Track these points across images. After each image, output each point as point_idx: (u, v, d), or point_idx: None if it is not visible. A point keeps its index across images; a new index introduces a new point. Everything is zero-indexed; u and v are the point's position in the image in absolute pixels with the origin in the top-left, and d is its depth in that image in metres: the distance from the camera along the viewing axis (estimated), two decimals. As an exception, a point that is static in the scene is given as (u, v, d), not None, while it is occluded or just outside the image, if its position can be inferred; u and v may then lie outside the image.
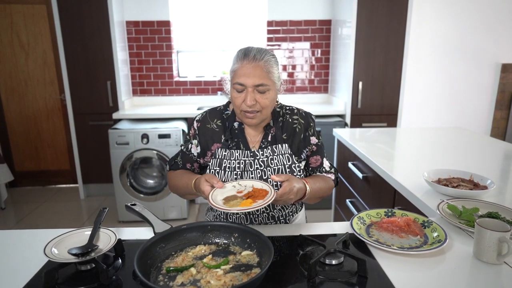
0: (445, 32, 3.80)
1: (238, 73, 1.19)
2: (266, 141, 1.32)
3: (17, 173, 4.12)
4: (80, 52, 3.51)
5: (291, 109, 1.39)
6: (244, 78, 1.18)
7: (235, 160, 1.28)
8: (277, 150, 1.29)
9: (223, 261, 0.94)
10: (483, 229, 0.96)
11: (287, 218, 1.36)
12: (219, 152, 1.29)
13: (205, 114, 1.36)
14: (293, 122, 1.35)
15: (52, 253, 0.92)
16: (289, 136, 1.33)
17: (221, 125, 1.33)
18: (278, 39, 3.98)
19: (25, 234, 1.17)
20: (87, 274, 0.94)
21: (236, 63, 1.22)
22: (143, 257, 0.90)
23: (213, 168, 1.29)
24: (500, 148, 2.12)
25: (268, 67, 1.20)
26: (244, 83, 1.18)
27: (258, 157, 1.28)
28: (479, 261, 0.98)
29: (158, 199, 3.30)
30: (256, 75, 1.17)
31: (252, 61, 1.18)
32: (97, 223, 1.05)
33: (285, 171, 1.28)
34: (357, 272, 0.93)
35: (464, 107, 4.03)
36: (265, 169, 1.27)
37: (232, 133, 1.32)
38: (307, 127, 1.36)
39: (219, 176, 1.27)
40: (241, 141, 1.31)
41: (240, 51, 1.24)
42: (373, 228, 1.16)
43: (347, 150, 2.32)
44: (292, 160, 1.30)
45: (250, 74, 1.17)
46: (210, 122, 1.33)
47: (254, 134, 1.33)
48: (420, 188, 1.47)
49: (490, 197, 1.38)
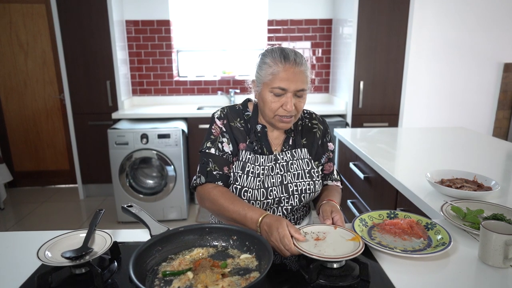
0: (447, 31, 3.77)
1: (280, 77, 1.15)
2: (287, 144, 1.29)
3: (16, 173, 4.10)
4: (79, 51, 3.49)
5: (310, 113, 1.37)
6: (287, 83, 1.14)
7: (260, 165, 1.23)
8: (296, 154, 1.27)
9: (221, 265, 0.91)
10: (489, 232, 0.93)
11: (297, 222, 1.33)
12: (243, 155, 1.24)
13: (226, 111, 1.29)
14: (313, 126, 1.33)
15: (46, 256, 0.90)
16: (308, 141, 1.31)
17: (244, 125, 1.28)
18: (279, 39, 3.95)
19: (19, 236, 1.15)
20: (81, 277, 0.91)
21: (274, 66, 1.15)
22: (138, 261, 0.87)
23: (236, 171, 1.23)
24: (502, 148, 2.10)
25: (307, 72, 1.18)
26: (286, 88, 1.15)
27: (279, 161, 1.25)
28: (485, 265, 0.95)
29: (157, 199, 3.28)
30: (299, 80, 1.15)
31: (293, 65, 1.15)
32: (92, 226, 1.03)
33: (304, 176, 1.25)
34: (359, 276, 0.90)
35: (466, 107, 4.00)
36: (285, 174, 1.24)
37: (256, 136, 1.27)
38: (325, 133, 1.35)
39: (240, 180, 1.22)
40: (265, 145, 1.27)
41: (274, 53, 1.17)
42: (375, 230, 1.13)
43: (348, 150, 2.29)
44: (311, 165, 1.27)
45: (293, 79, 1.14)
46: (233, 120, 1.28)
47: (277, 137, 1.30)
48: (423, 189, 1.45)
49: (494, 198, 1.36)
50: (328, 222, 1.10)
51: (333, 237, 1.02)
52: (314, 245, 0.98)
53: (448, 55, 3.84)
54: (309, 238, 1.02)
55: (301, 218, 1.35)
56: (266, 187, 1.22)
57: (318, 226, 1.07)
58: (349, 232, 1.03)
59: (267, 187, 1.22)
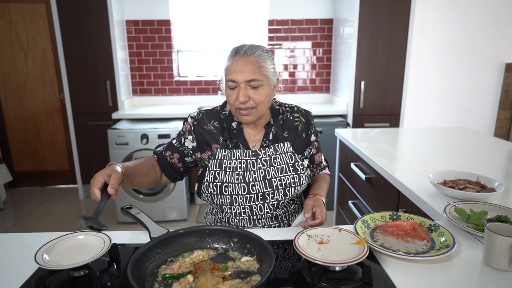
0: (448, 31, 3.76)
1: (230, 69, 1.17)
2: (268, 139, 1.29)
3: (16, 173, 4.09)
4: (79, 51, 3.48)
5: (291, 106, 1.37)
6: (235, 74, 1.15)
7: (236, 159, 1.24)
8: (279, 148, 1.27)
9: (221, 268, 0.90)
10: (494, 234, 0.91)
11: (290, 219, 1.33)
12: (218, 153, 1.26)
13: (201, 115, 1.32)
14: (294, 120, 1.33)
15: (43, 259, 0.88)
16: (290, 134, 1.31)
17: (218, 126, 1.29)
18: (279, 38, 3.94)
19: (17, 238, 1.13)
20: (80, 280, 0.90)
21: (228, 61, 1.20)
22: (138, 264, 0.86)
23: (213, 169, 1.25)
24: (504, 148, 2.08)
25: (259, 62, 1.17)
26: (235, 79, 1.16)
27: (261, 156, 1.25)
28: (490, 268, 0.94)
29: (158, 200, 3.26)
30: (247, 70, 1.15)
31: (242, 56, 1.16)
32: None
33: (288, 170, 1.25)
34: (362, 279, 0.89)
35: (467, 107, 3.99)
36: (268, 169, 1.24)
37: (230, 134, 1.28)
38: (308, 126, 1.35)
39: (219, 177, 1.23)
40: (240, 142, 1.28)
41: (232, 49, 1.21)
42: (378, 232, 1.12)
43: (349, 151, 2.28)
44: (295, 158, 1.28)
45: (241, 69, 1.15)
46: (207, 124, 1.30)
47: (254, 133, 1.30)
48: (425, 190, 1.43)
49: (498, 199, 1.34)
50: (307, 215, 1.15)
51: (337, 241, 1.01)
52: (317, 249, 0.97)
53: (449, 55, 3.83)
54: (313, 241, 1.01)
55: (292, 215, 1.35)
56: (247, 182, 1.22)
57: (322, 229, 1.06)
58: (353, 235, 1.01)
59: (248, 181, 1.22)
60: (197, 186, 1.30)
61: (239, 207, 1.24)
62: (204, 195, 1.28)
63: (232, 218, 1.27)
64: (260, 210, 1.25)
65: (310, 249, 0.96)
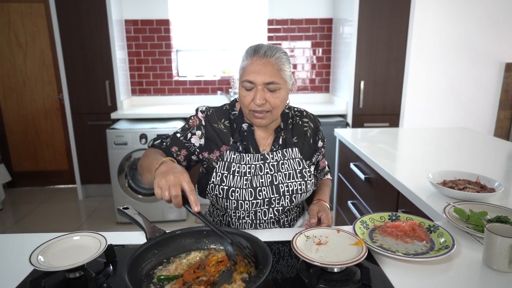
0: (448, 31, 3.75)
1: (248, 70, 1.13)
2: (277, 144, 1.26)
3: (15, 173, 4.08)
4: (78, 51, 3.47)
5: (300, 111, 1.35)
6: (253, 75, 1.11)
7: (246, 164, 1.20)
8: (287, 154, 1.24)
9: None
10: (494, 235, 0.90)
11: (291, 223, 1.31)
12: (227, 155, 1.20)
13: (211, 111, 1.26)
14: (303, 125, 1.31)
15: (38, 260, 0.87)
16: (299, 139, 1.29)
17: (229, 126, 1.25)
18: (279, 38, 3.93)
19: (13, 238, 1.13)
20: (75, 282, 0.89)
21: (245, 60, 1.15)
22: (134, 265, 0.85)
23: (220, 172, 1.20)
24: (504, 148, 2.07)
25: (279, 64, 1.13)
26: (253, 81, 1.12)
27: (268, 161, 1.22)
28: (489, 269, 0.93)
29: (157, 200, 3.25)
30: (267, 73, 1.11)
31: (262, 57, 1.12)
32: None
33: (296, 176, 1.22)
34: (360, 280, 0.88)
35: (467, 106, 3.98)
36: (275, 174, 1.21)
37: (241, 135, 1.24)
38: (316, 131, 1.34)
39: (227, 180, 1.19)
40: (251, 144, 1.24)
41: (250, 48, 1.17)
42: (377, 232, 1.11)
43: (349, 151, 2.27)
44: (303, 165, 1.24)
45: (260, 71, 1.11)
46: (217, 122, 1.25)
47: (264, 136, 1.26)
48: (425, 190, 1.42)
49: (497, 200, 1.33)
50: (313, 221, 1.14)
51: (336, 242, 1.00)
52: (315, 250, 0.96)
53: (449, 55, 3.82)
54: (311, 242, 1.00)
55: (294, 219, 1.33)
56: (255, 187, 1.19)
57: (321, 230, 1.05)
58: (352, 236, 1.00)
59: (255, 186, 1.19)
60: (200, 186, 1.27)
61: (244, 212, 1.21)
62: (209, 195, 1.24)
63: (234, 221, 1.24)
64: (265, 215, 1.22)
65: (308, 250, 0.96)
